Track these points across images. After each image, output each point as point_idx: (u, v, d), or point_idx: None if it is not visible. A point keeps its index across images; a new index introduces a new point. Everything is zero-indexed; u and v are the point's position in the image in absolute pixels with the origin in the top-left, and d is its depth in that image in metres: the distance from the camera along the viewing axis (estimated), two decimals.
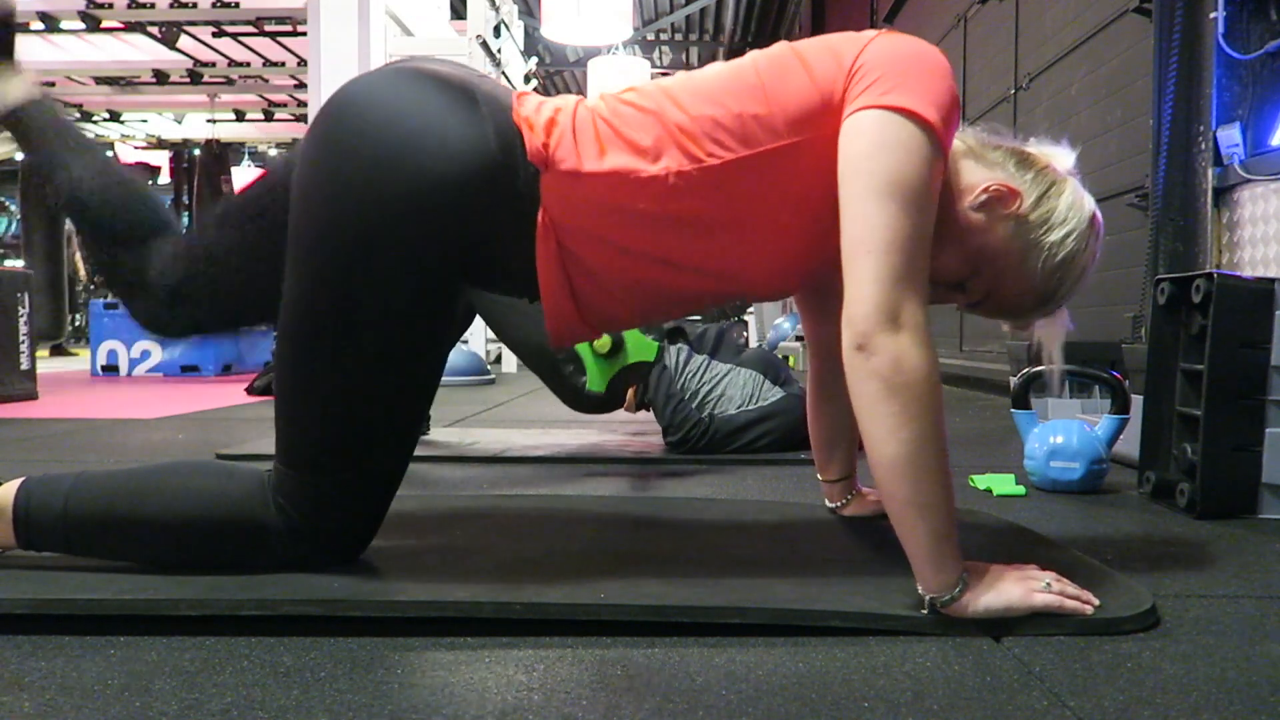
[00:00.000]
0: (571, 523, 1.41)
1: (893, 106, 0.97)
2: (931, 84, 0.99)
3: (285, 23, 6.41)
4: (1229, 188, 3.09)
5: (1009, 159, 1.11)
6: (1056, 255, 1.08)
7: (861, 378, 0.94)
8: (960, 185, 1.09)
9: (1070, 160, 1.14)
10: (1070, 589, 0.99)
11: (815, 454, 1.47)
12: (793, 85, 1.02)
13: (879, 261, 0.94)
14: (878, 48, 1.02)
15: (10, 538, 1.09)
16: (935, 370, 0.95)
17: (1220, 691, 0.82)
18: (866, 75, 0.99)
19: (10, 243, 17.74)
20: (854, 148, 0.98)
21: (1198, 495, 1.57)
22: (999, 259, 1.09)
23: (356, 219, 1.00)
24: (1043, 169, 1.11)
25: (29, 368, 4.01)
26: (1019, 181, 1.09)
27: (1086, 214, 1.10)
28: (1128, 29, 3.87)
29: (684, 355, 2.37)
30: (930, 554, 0.95)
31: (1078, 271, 1.11)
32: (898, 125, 0.97)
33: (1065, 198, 1.09)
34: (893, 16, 7.69)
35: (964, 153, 1.12)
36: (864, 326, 0.94)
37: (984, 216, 1.08)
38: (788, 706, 0.79)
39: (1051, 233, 1.08)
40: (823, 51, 1.04)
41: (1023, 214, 1.08)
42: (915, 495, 0.94)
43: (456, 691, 0.82)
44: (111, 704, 0.78)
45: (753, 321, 8.12)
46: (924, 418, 0.93)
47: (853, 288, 0.96)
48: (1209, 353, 1.55)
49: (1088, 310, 4.18)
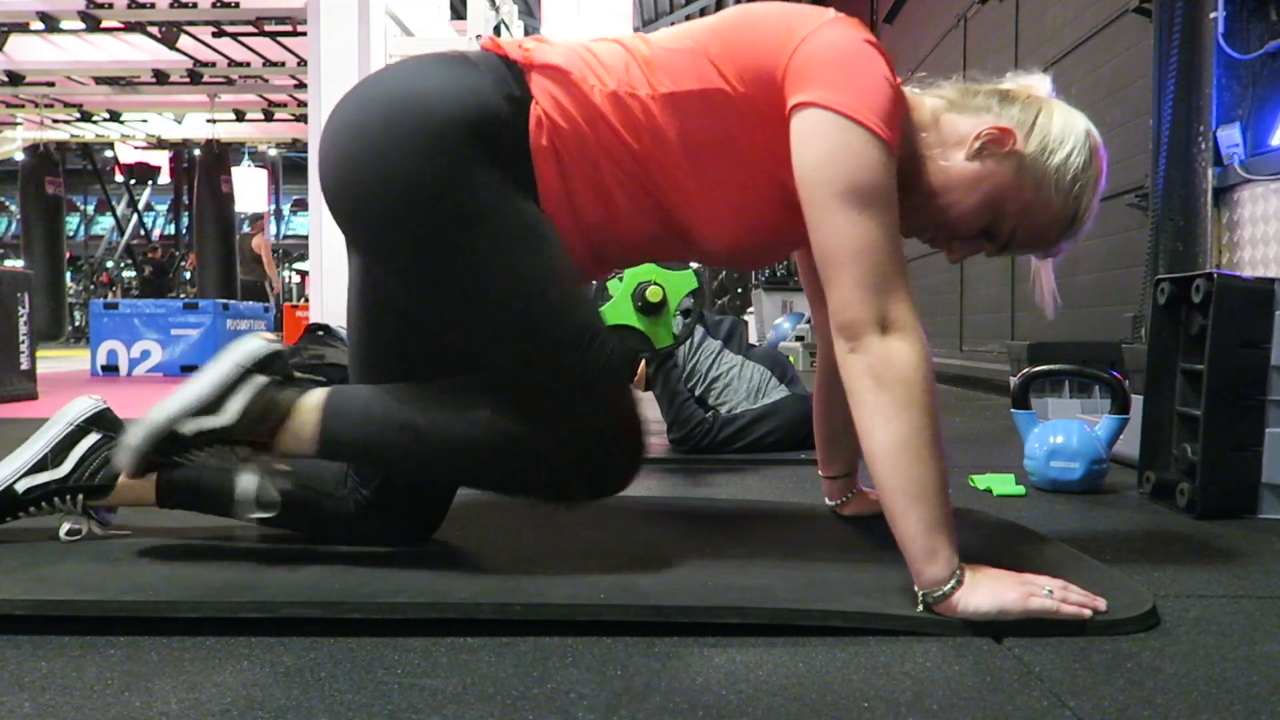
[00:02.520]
0: (572, 523, 1.41)
1: (837, 109, 1.00)
2: (871, 86, 1.01)
3: (285, 23, 6.41)
4: (1229, 188, 3.09)
5: (991, 100, 1.13)
6: (1067, 175, 1.10)
7: (855, 376, 0.98)
8: (954, 139, 1.11)
9: (1048, 84, 1.16)
10: (1074, 596, 0.98)
11: (819, 448, 1.47)
12: (744, 42, 1.07)
13: (854, 269, 0.98)
14: (822, 40, 1.04)
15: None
16: (927, 364, 0.97)
17: (1220, 691, 0.82)
18: (810, 65, 1.02)
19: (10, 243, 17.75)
20: (807, 157, 1.01)
21: (1198, 495, 1.57)
22: (1014, 197, 1.11)
23: (401, 174, 1.04)
24: (1025, 100, 1.13)
25: (29, 368, 4.01)
26: (1007, 119, 1.11)
27: (1081, 129, 1.12)
28: (1128, 29, 3.87)
29: (699, 335, 2.36)
30: (922, 544, 0.95)
31: (1093, 182, 1.13)
32: (844, 130, 0.99)
33: (1056, 120, 1.11)
34: (893, 16, 7.69)
35: (946, 107, 1.14)
36: (853, 331, 0.98)
37: (985, 162, 1.10)
38: (788, 706, 0.79)
39: (1054, 156, 1.10)
40: (778, 18, 1.07)
41: (1021, 149, 1.10)
42: (907, 484, 0.95)
43: (456, 691, 0.82)
44: (111, 704, 0.78)
45: (753, 321, 8.12)
46: (915, 408, 0.96)
47: (836, 296, 0.99)
48: (1209, 353, 1.55)
49: (1088, 310, 4.18)
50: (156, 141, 10.29)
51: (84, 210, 18.86)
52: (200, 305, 5.87)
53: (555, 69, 1.09)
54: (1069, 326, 4.40)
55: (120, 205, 16.45)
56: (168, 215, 16.24)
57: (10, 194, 17.26)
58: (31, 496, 1.16)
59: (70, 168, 12.09)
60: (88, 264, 15.09)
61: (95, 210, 18.94)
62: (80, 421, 1.20)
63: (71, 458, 1.18)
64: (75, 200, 17.62)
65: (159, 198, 17.02)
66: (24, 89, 7.79)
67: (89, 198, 18.47)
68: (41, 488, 1.16)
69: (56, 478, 1.16)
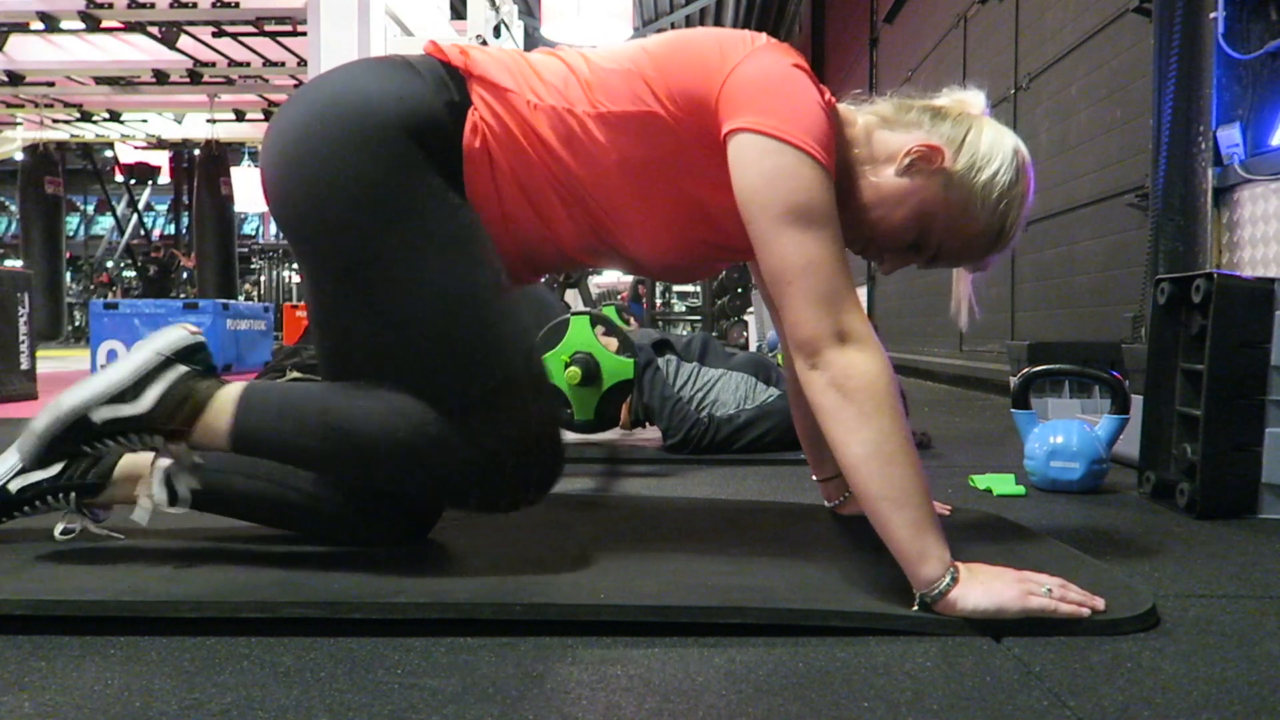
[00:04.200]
0: (572, 523, 1.41)
1: (770, 133, 1.02)
2: (800, 108, 1.04)
3: (285, 23, 6.41)
4: (1229, 188, 3.09)
5: (923, 116, 1.15)
6: (993, 192, 1.12)
7: (818, 391, 1.00)
8: (885, 155, 1.14)
9: (981, 100, 1.18)
10: (1073, 595, 0.98)
11: (807, 452, 1.49)
12: (678, 66, 1.09)
13: (803, 286, 1.00)
14: (753, 66, 1.06)
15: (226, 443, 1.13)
16: (886, 371, 1.00)
17: (1220, 691, 0.82)
18: (741, 92, 1.05)
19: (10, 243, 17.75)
20: (745, 181, 1.04)
21: (1198, 495, 1.57)
22: (941, 213, 1.13)
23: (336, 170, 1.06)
24: (957, 116, 1.15)
25: (29, 367, 4.01)
26: (937, 136, 1.13)
27: (1009, 147, 1.14)
28: (1128, 29, 3.87)
29: (673, 365, 2.37)
30: (911, 547, 0.96)
31: (1019, 200, 1.14)
32: (778, 153, 1.02)
33: (985, 137, 1.13)
34: (893, 16, 7.69)
35: (879, 123, 1.16)
36: (812, 347, 1.00)
37: (915, 178, 1.12)
38: (788, 706, 0.79)
39: (980, 174, 1.12)
40: (711, 44, 1.09)
41: (949, 165, 1.12)
42: (885, 489, 0.96)
43: (456, 691, 0.82)
44: (111, 704, 0.78)
45: (752, 322, 8.12)
46: (881, 415, 0.97)
47: (789, 316, 1.02)
48: (1209, 353, 1.55)
49: (1088, 310, 4.18)
50: (156, 141, 10.28)
51: (84, 210, 18.87)
52: (200, 305, 5.87)
53: (491, 82, 1.11)
54: (1069, 326, 4.40)
55: (120, 205, 16.46)
56: (168, 215, 16.24)
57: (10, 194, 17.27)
58: (25, 496, 1.16)
59: (70, 168, 12.08)
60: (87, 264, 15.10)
61: (95, 210, 18.96)
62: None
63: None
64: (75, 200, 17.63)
65: (159, 198, 17.04)
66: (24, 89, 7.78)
67: (89, 198, 18.48)
68: (34, 487, 1.16)
69: (48, 477, 1.16)
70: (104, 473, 1.18)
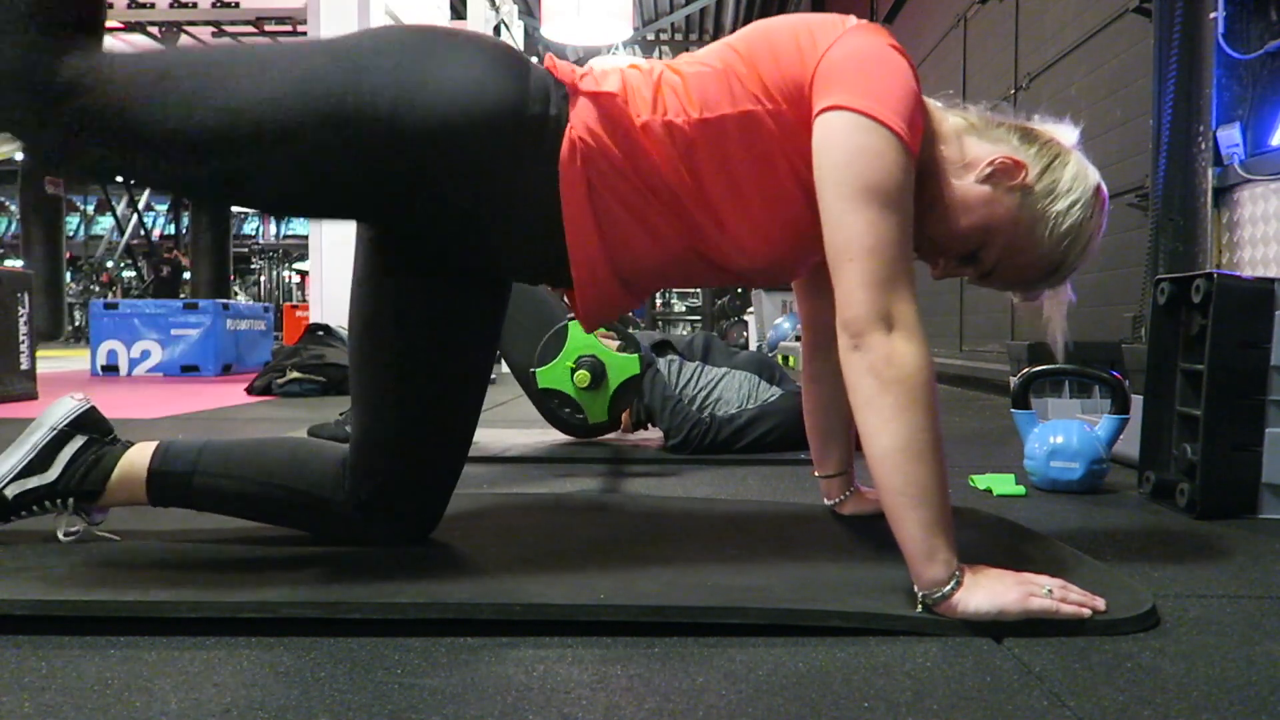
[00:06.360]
0: (572, 523, 1.41)
1: (859, 110, 1.00)
2: (894, 88, 1.02)
3: (285, 23, 6.42)
4: (1229, 188, 3.09)
5: (1012, 134, 1.15)
6: (1062, 224, 1.12)
7: (858, 374, 0.98)
8: (966, 159, 1.13)
9: (1074, 136, 1.17)
10: (1073, 595, 0.98)
11: (812, 447, 1.47)
12: (769, 56, 1.07)
13: (863, 266, 0.98)
14: (847, 46, 1.05)
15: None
16: (928, 365, 0.98)
17: (1220, 691, 0.82)
18: (834, 71, 1.03)
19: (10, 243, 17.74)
20: (828, 156, 1.02)
21: (1198, 495, 1.57)
22: (1007, 229, 1.12)
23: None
24: (1046, 142, 1.15)
25: (29, 367, 4.01)
26: (1024, 154, 1.12)
27: (1091, 184, 1.14)
28: (1128, 29, 3.87)
29: (675, 365, 2.36)
30: (922, 546, 0.96)
31: (1084, 240, 1.14)
32: (865, 131, 1.00)
33: (1069, 169, 1.13)
34: (893, 16, 7.68)
35: (967, 129, 1.15)
36: (857, 328, 0.98)
37: (991, 189, 1.12)
38: (788, 706, 0.79)
39: (1057, 202, 1.11)
40: (801, 29, 1.08)
41: (1028, 185, 1.11)
42: (907, 486, 0.96)
43: (456, 691, 0.82)
44: (111, 704, 0.78)
45: (752, 321, 8.12)
46: (917, 409, 0.96)
47: (842, 293, 1.00)
48: (1209, 353, 1.55)
49: (1088, 310, 4.18)
50: None
51: (84, 210, 18.87)
52: (200, 305, 5.87)
53: (605, 96, 1.07)
54: (1069, 326, 4.40)
55: (120, 205, 16.46)
56: (168, 215, 16.25)
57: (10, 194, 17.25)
58: (23, 502, 1.17)
59: None
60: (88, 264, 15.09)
61: (95, 210, 18.96)
62: (64, 426, 1.20)
63: (59, 462, 1.18)
64: (75, 200, 17.63)
65: (159, 198, 17.03)
66: None
67: (89, 198, 18.48)
68: (31, 493, 1.17)
69: (45, 483, 1.17)
70: (101, 478, 1.18)
